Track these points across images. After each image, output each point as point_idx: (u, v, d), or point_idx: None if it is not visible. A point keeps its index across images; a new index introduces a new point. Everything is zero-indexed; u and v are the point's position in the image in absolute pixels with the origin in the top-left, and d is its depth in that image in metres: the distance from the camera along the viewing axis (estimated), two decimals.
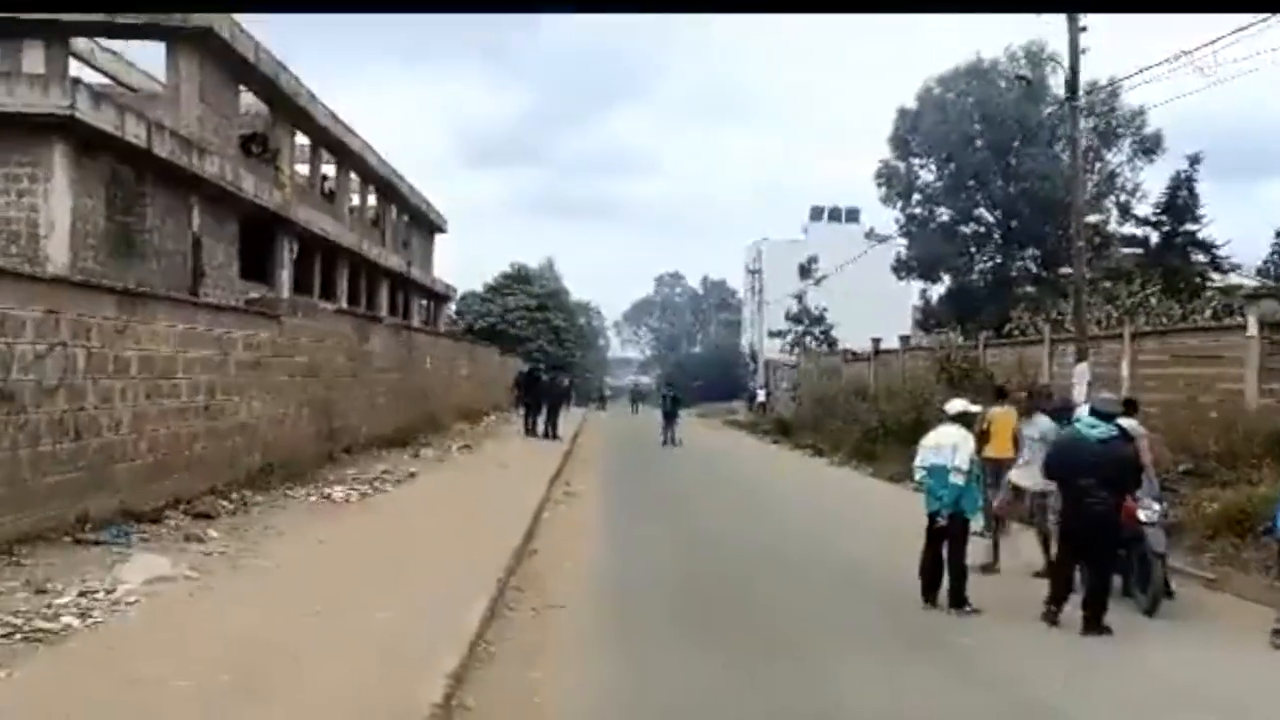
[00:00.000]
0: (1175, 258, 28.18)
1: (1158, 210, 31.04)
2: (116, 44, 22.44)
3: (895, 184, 43.05)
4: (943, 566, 8.08)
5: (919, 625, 7.65)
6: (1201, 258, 29.21)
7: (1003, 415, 10.54)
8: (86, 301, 9.13)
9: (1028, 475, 9.15)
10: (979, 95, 39.97)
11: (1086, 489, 7.55)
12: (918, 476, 8.50)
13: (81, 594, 6.74)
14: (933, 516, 8.17)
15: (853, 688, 6.09)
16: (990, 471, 9.82)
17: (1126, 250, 31.06)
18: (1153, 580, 8.14)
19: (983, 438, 9.92)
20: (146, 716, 4.70)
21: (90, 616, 6.30)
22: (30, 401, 8.20)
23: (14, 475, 8.00)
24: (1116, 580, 8.02)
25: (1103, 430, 7.68)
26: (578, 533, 11.58)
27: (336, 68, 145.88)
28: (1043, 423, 9.32)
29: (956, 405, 8.71)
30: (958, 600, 7.94)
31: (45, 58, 18.33)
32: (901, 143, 42.84)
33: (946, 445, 8.21)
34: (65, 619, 6.18)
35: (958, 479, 8.05)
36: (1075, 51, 16.13)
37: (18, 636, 5.79)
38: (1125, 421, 8.41)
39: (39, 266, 13.67)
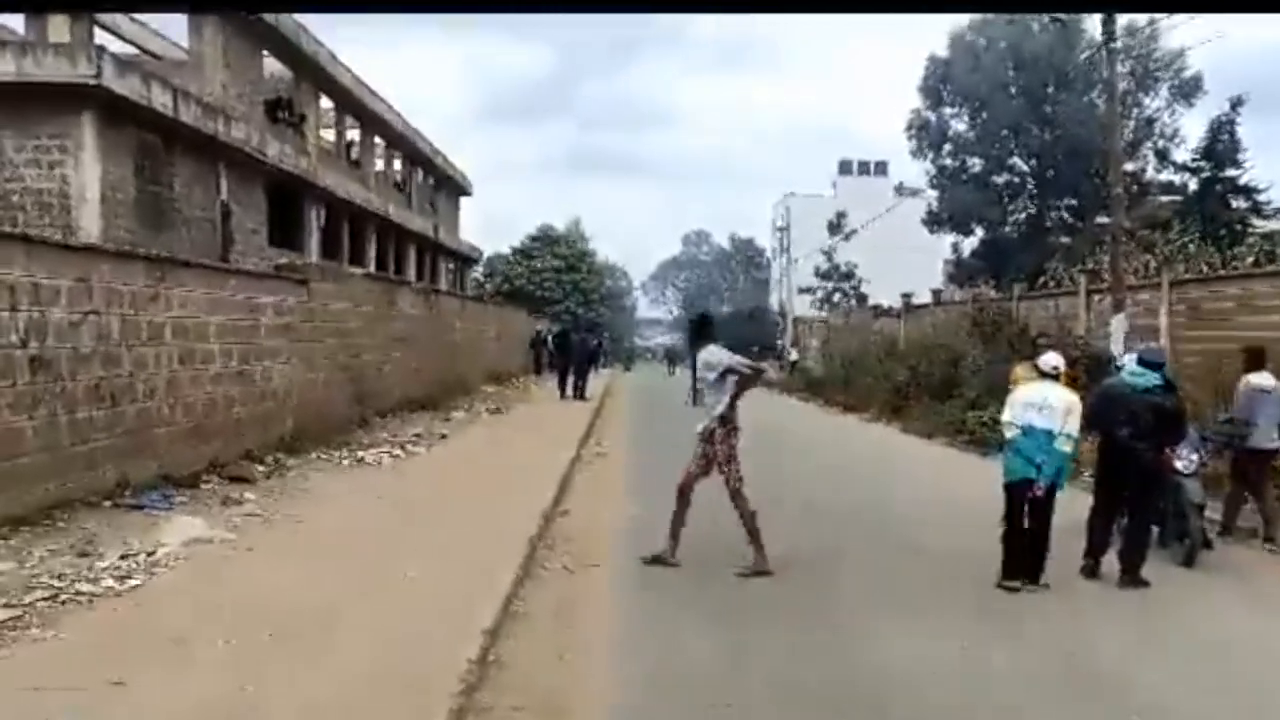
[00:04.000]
0: (1215, 204, 27.54)
1: (1197, 155, 30.30)
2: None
3: (926, 135, 42.32)
4: (1039, 541, 7.21)
5: (956, 580, 7.57)
6: (1243, 203, 28.52)
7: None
8: (118, 269, 9.20)
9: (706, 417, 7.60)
10: (1012, 40, 39.01)
11: (1126, 438, 7.44)
12: (1009, 434, 7.35)
13: (122, 557, 6.87)
14: (1018, 485, 7.24)
15: (886, 645, 6.07)
16: None
17: (1165, 197, 30.38)
18: (1190, 532, 8.05)
19: None
20: (190, 673, 4.79)
21: (131, 579, 6.42)
22: (66, 369, 8.33)
23: (54, 441, 8.15)
24: (1154, 532, 7.94)
25: (1147, 380, 7.53)
26: (608, 493, 11.62)
27: (356, 25, 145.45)
28: (713, 349, 7.66)
29: (1052, 360, 7.59)
30: (1034, 576, 7.20)
31: (70, 27, 18.39)
32: (933, 92, 42.03)
33: (1057, 408, 7.15)
34: (106, 581, 6.30)
35: (1066, 446, 7.16)
36: None
37: (61, 598, 5.92)
38: None
39: (72, 236, 13.82)
